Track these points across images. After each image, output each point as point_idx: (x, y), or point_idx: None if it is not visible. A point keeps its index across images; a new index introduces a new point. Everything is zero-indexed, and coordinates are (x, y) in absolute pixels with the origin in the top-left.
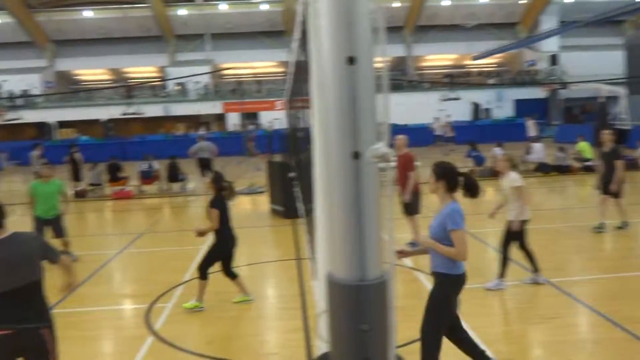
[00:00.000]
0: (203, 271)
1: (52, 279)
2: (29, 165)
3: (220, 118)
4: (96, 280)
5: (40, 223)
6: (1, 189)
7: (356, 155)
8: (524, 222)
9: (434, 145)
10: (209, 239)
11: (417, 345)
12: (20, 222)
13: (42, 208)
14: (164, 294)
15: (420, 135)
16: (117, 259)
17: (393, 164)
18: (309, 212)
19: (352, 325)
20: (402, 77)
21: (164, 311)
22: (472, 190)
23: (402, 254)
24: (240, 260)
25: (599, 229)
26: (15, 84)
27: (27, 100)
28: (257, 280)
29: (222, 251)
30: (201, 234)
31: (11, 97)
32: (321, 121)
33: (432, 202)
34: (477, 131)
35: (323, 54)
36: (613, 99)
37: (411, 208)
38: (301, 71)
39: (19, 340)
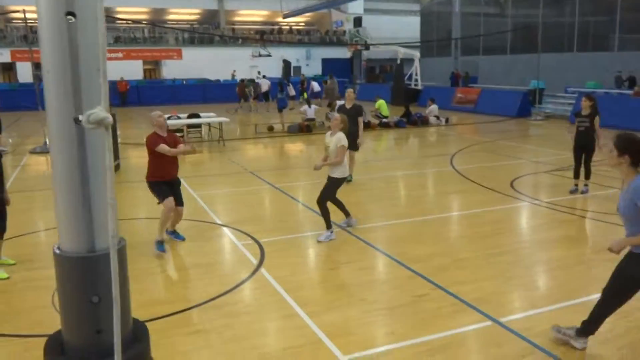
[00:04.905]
0: None
1: None
2: None
3: (9, 68)
4: None
5: None
6: None
7: (78, 121)
8: (344, 178)
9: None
10: None
11: (218, 301)
12: None
13: None
14: None
15: (232, 91)
16: None
17: (109, 130)
18: None
19: (83, 298)
20: (213, 32)
21: None
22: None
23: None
24: None
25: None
26: None
27: None
28: None
29: None
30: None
31: None
32: (44, 82)
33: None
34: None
35: (41, 5)
36: (409, 61)
37: None
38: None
39: None
